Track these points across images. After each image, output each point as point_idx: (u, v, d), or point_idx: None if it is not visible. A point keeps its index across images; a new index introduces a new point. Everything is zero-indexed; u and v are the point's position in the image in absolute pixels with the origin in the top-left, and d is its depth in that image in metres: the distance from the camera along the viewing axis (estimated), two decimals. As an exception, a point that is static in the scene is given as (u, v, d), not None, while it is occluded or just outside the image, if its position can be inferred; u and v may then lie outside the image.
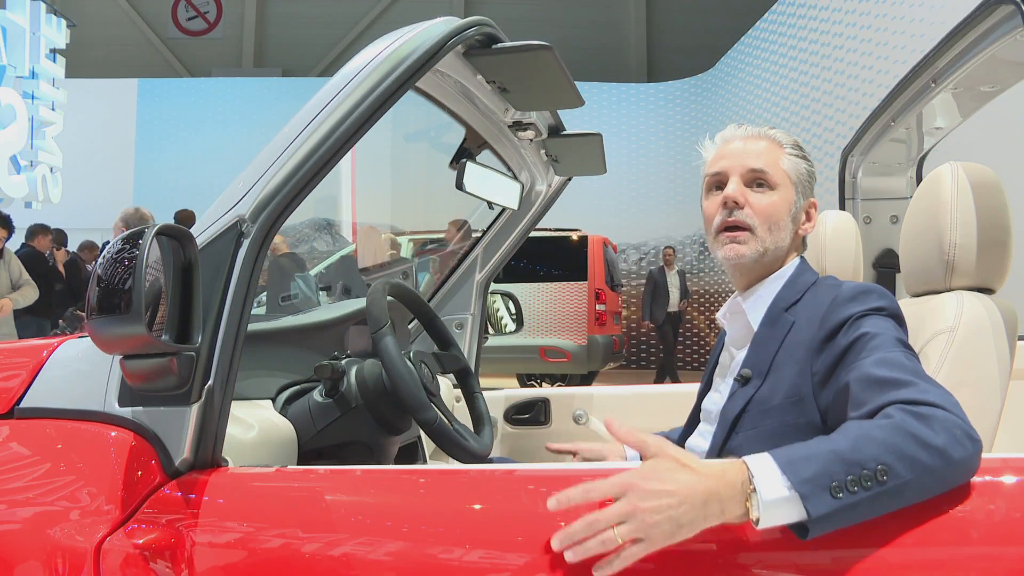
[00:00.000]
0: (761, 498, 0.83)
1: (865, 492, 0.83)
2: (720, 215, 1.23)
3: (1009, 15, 1.40)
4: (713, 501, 0.84)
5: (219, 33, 13.99)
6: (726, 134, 1.29)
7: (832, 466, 0.84)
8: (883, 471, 0.83)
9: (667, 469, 0.86)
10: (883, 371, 0.98)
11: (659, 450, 0.88)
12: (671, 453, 0.87)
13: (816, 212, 1.29)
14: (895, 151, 2.16)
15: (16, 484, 1.09)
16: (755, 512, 0.84)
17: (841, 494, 0.82)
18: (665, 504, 0.83)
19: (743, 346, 1.25)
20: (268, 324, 1.70)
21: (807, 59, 8.53)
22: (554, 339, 7.97)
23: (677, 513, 0.83)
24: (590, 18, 13.74)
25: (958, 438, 0.86)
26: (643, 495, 0.83)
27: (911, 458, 0.84)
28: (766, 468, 0.85)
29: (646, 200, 12.15)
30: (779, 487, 0.83)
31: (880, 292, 1.13)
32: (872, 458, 0.84)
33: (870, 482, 0.83)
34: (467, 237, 2.23)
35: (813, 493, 0.82)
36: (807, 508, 0.82)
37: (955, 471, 0.87)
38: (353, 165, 10.73)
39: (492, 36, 1.27)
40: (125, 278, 0.94)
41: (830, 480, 0.83)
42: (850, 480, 0.83)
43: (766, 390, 1.15)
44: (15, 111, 7.74)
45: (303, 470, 1.08)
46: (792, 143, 1.27)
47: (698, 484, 0.84)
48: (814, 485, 0.83)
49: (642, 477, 0.85)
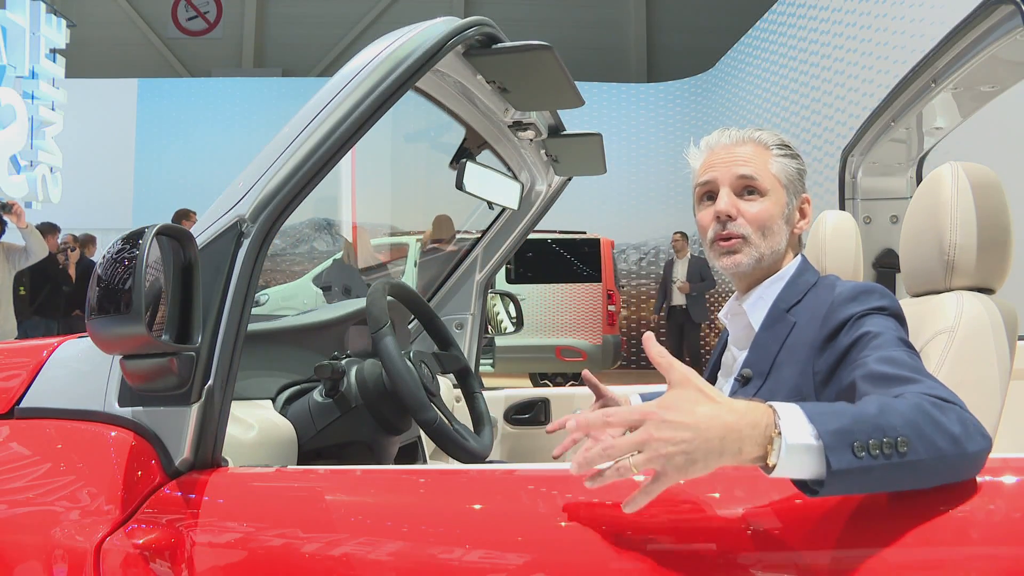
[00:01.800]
0: (785, 441, 0.80)
1: (884, 459, 0.81)
2: (713, 228, 1.23)
3: (1009, 15, 1.40)
4: (732, 438, 0.80)
5: (219, 33, 13.97)
6: (711, 141, 1.28)
7: (858, 425, 0.81)
8: (904, 443, 0.81)
9: (688, 400, 0.82)
10: (888, 368, 0.98)
11: (684, 379, 0.83)
12: (696, 383, 0.83)
13: (810, 207, 1.29)
14: (895, 151, 2.16)
15: (16, 484, 1.09)
16: (774, 457, 0.81)
17: (863, 454, 0.80)
18: (680, 436, 0.79)
19: (745, 347, 1.25)
20: (268, 324, 1.70)
21: (807, 59, 8.52)
22: (570, 339, 8.16)
23: (692, 447, 0.79)
24: (590, 18, 13.73)
25: (971, 432, 0.87)
26: (659, 425, 0.80)
27: (929, 439, 0.83)
28: (793, 414, 0.82)
29: (646, 200, 12.14)
30: (805, 434, 0.80)
31: (881, 292, 1.13)
32: (894, 427, 0.82)
33: (890, 450, 0.81)
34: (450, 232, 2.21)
35: (838, 446, 0.80)
36: (829, 460, 0.79)
37: (966, 463, 0.87)
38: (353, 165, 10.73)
39: (492, 36, 1.27)
40: (125, 278, 0.94)
41: (853, 438, 0.80)
42: (872, 443, 0.80)
43: (767, 390, 1.15)
44: (15, 111, 7.73)
45: (303, 470, 1.08)
46: (778, 143, 1.26)
47: (717, 418, 0.80)
48: (839, 438, 0.80)
49: (662, 407, 0.81)
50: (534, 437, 2.19)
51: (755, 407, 0.83)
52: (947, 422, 0.85)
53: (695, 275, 8.36)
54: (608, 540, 0.91)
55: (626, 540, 0.91)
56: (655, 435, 0.79)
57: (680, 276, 8.35)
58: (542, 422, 2.22)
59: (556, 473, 1.01)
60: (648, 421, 0.80)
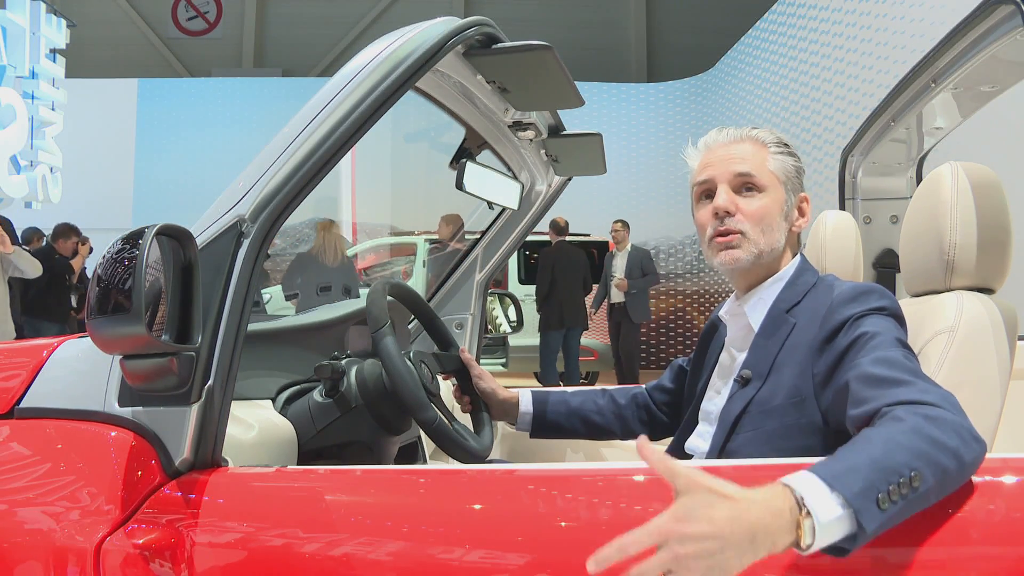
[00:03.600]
0: (817, 520, 0.77)
1: (903, 500, 0.80)
2: (711, 225, 1.23)
3: (1009, 15, 1.39)
4: (761, 534, 0.75)
5: (219, 33, 13.97)
6: (708, 140, 1.28)
7: (874, 475, 0.80)
8: (916, 476, 0.81)
9: (704, 505, 0.76)
10: (882, 370, 0.98)
11: (691, 484, 0.77)
12: (706, 485, 0.77)
13: (808, 206, 1.29)
14: (895, 151, 2.16)
15: (16, 484, 1.09)
16: (808, 538, 0.77)
17: (886, 504, 0.79)
18: (707, 548, 0.74)
19: (743, 348, 1.25)
20: (268, 324, 1.70)
21: (807, 59, 8.52)
22: (585, 339, 8.18)
23: (723, 555, 0.74)
24: (590, 18, 13.73)
25: (966, 440, 0.86)
26: (683, 540, 0.74)
27: (935, 463, 0.83)
28: (814, 488, 0.78)
29: (646, 200, 12.13)
30: (833, 506, 0.77)
31: (881, 292, 1.13)
32: (905, 464, 0.81)
33: (906, 489, 0.80)
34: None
35: (865, 507, 0.78)
36: (861, 523, 0.77)
37: (966, 472, 0.87)
38: (353, 165, 10.74)
39: (492, 36, 1.27)
40: (125, 278, 0.94)
41: (876, 492, 0.79)
42: (891, 489, 0.79)
43: (767, 391, 1.15)
44: (15, 111, 7.72)
45: (303, 470, 1.08)
46: (776, 140, 1.26)
47: (741, 519, 0.75)
48: (864, 499, 0.78)
49: (678, 520, 0.75)
50: (534, 437, 2.19)
51: (774, 493, 0.78)
52: (945, 438, 0.85)
53: (635, 269, 7.33)
54: (608, 540, 0.91)
55: (626, 540, 0.91)
56: (681, 552, 0.74)
57: (619, 271, 7.36)
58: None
59: (556, 473, 1.02)
60: (670, 539, 0.75)
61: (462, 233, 6.03)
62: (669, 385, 1.58)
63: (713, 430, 1.22)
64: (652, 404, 1.59)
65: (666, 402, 1.57)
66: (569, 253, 7.13)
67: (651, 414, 1.58)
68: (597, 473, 1.00)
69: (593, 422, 1.57)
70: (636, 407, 1.59)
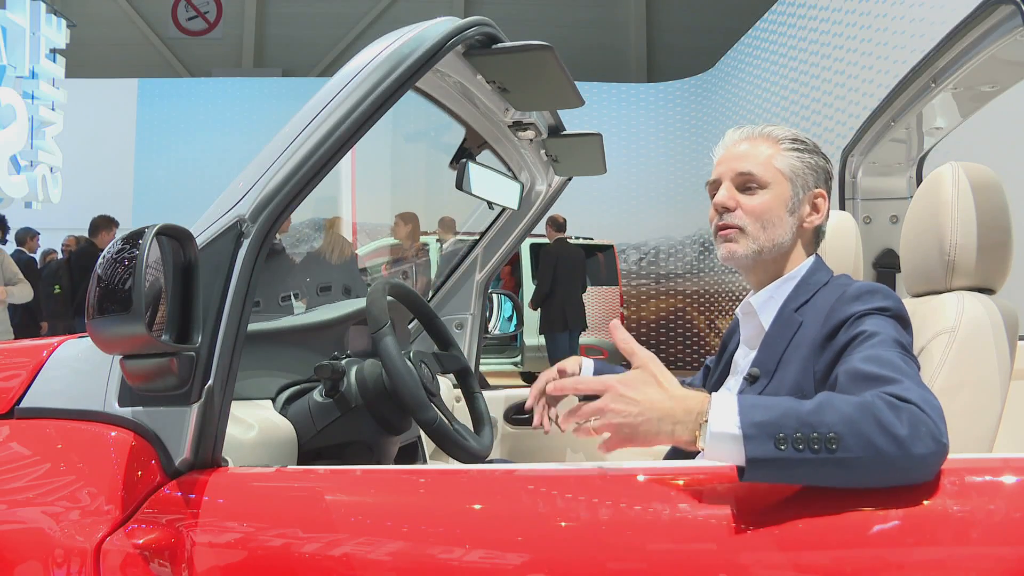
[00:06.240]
0: (709, 429, 0.89)
1: (811, 453, 0.85)
2: (715, 220, 1.28)
3: (1009, 15, 1.40)
4: (667, 420, 0.92)
5: (219, 33, 13.97)
6: (726, 139, 1.33)
7: (785, 419, 0.87)
8: (833, 439, 0.85)
9: (642, 381, 0.94)
10: (871, 367, 0.98)
11: (643, 363, 0.97)
12: (652, 368, 0.96)
13: (824, 202, 1.29)
14: (895, 151, 2.16)
15: (16, 484, 1.09)
16: (701, 442, 0.91)
17: (784, 446, 0.85)
18: (628, 410, 0.92)
19: (755, 346, 1.27)
20: (268, 324, 1.70)
21: (807, 59, 8.52)
22: (592, 338, 8.45)
23: (635, 422, 0.92)
24: (590, 18, 13.73)
25: (921, 434, 0.86)
26: (615, 398, 0.93)
27: (866, 438, 0.85)
28: (726, 405, 0.90)
29: (646, 200, 12.14)
30: (729, 424, 0.88)
31: (886, 293, 1.13)
32: (827, 424, 0.86)
33: (817, 445, 0.85)
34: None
35: (756, 437, 0.86)
36: (746, 449, 0.86)
37: (911, 465, 0.87)
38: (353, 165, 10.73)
39: (492, 36, 1.27)
40: (125, 278, 0.94)
41: (778, 430, 0.86)
42: (798, 436, 0.85)
43: (772, 389, 1.17)
44: (15, 111, 7.73)
45: (303, 470, 1.08)
46: (790, 137, 1.28)
47: (660, 402, 0.93)
48: (760, 430, 0.87)
49: (621, 382, 0.94)
50: (534, 437, 2.19)
51: (695, 396, 0.93)
52: (894, 423, 0.86)
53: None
54: (608, 540, 0.91)
55: (626, 540, 0.91)
56: (610, 406, 0.93)
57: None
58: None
59: (556, 473, 1.02)
60: (608, 393, 0.94)
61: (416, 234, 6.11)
62: (699, 385, 1.59)
63: None
64: None
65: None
66: (571, 252, 7.12)
67: None
68: (597, 473, 1.00)
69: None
70: None
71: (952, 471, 0.90)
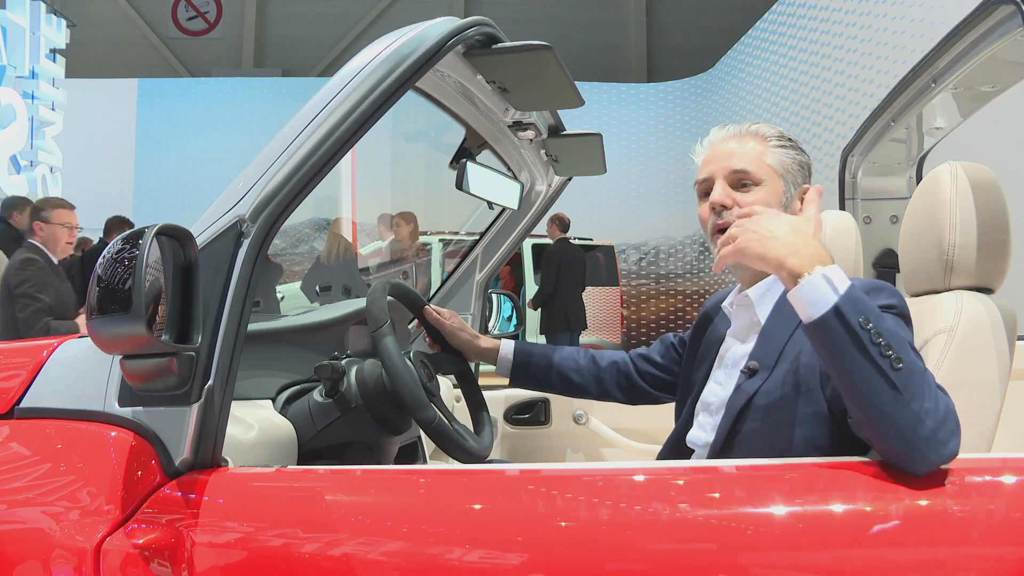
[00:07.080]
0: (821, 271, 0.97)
1: (878, 353, 0.91)
2: (711, 220, 1.27)
3: (1009, 15, 1.39)
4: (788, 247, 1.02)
5: (219, 33, 13.97)
6: (711, 138, 1.32)
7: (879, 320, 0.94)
8: (898, 360, 0.91)
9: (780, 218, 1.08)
10: None
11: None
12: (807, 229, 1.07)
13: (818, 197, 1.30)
14: (895, 151, 2.16)
15: (16, 484, 1.09)
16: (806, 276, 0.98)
17: (864, 328, 0.93)
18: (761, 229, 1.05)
19: (746, 339, 1.27)
20: (268, 324, 1.70)
21: (807, 59, 8.52)
22: (594, 338, 8.65)
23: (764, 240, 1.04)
24: (590, 18, 13.73)
25: (949, 425, 0.90)
26: (756, 220, 1.08)
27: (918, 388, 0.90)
28: (840, 270, 0.99)
29: (646, 200, 12.14)
30: (839, 280, 0.97)
31: (891, 291, 1.13)
32: (906, 354, 0.92)
33: (890, 352, 0.91)
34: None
35: (852, 302, 0.95)
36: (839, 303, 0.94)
37: (927, 439, 0.89)
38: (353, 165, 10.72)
39: (492, 36, 1.27)
40: (125, 278, 0.94)
41: (869, 319, 0.93)
42: (879, 335, 0.92)
43: (773, 381, 1.16)
44: (15, 111, 7.72)
45: (303, 470, 1.08)
46: (777, 135, 1.29)
47: (789, 235, 1.03)
48: (856, 305, 0.95)
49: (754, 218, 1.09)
50: (534, 437, 2.20)
51: (819, 245, 1.03)
52: (940, 397, 0.91)
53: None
54: (608, 540, 0.91)
55: (626, 540, 0.91)
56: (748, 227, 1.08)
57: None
58: (542, 422, 2.22)
59: (556, 473, 1.02)
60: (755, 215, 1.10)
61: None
62: (658, 359, 1.62)
63: (716, 420, 1.24)
64: (633, 371, 1.63)
65: (650, 373, 1.62)
66: (573, 252, 7.11)
67: (631, 380, 1.62)
68: (597, 473, 1.00)
69: (570, 379, 1.63)
70: (617, 372, 1.63)
71: (952, 471, 0.90)
